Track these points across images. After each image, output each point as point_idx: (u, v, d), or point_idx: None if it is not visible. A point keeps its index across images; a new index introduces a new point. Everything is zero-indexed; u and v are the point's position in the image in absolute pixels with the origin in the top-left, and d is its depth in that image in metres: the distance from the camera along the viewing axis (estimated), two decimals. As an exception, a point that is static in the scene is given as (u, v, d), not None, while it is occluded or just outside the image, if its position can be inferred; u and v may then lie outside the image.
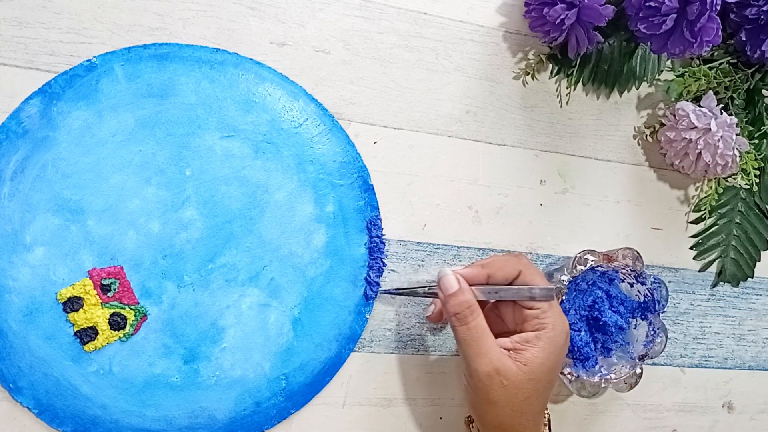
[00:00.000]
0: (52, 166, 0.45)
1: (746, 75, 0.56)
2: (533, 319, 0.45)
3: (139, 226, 0.46)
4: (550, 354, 0.44)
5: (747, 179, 0.57)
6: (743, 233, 0.60)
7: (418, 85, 0.53)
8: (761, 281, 0.62)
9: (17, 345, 0.44)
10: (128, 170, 0.46)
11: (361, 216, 0.50)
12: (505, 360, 0.43)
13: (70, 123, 0.45)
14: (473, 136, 0.54)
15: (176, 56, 0.47)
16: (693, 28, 0.48)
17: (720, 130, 0.53)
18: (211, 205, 0.48)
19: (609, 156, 0.58)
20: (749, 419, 0.62)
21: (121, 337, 0.46)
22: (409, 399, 0.53)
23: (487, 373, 0.43)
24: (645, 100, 0.58)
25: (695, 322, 0.60)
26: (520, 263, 0.46)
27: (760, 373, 0.62)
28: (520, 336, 0.44)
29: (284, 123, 0.49)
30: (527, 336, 0.44)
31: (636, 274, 0.53)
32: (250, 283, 0.48)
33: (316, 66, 0.51)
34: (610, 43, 0.55)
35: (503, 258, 0.46)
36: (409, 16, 0.53)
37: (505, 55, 0.55)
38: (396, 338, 0.52)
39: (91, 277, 0.45)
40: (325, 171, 0.50)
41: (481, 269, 0.45)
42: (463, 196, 0.54)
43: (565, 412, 0.57)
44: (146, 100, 0.47)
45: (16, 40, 0.45)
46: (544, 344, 0.44)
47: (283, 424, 0.50)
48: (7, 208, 0.44)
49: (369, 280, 0.50)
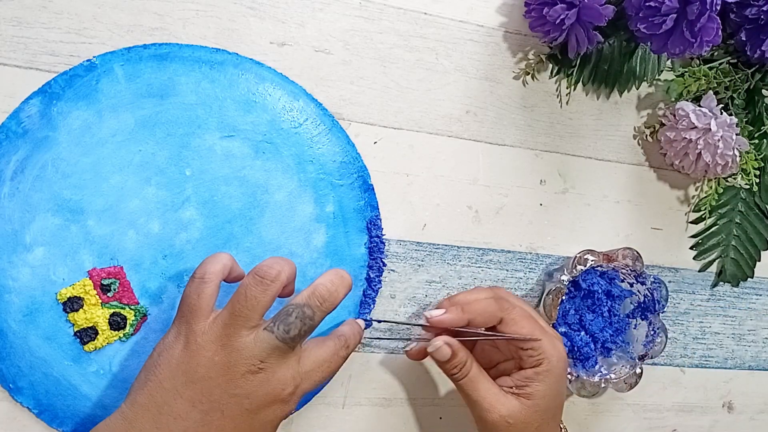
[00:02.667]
0: (52, 166, 0.45)
1: (746, 75, 0.56)
2: (528, 358, 0.45)
3: (139, 226, 0.46)
4: (552, 384, 0.45)
5: (747, 179, 0.57)
6: (743, 233, 0.60)
7: (418, 85, 0.53)
8: (761, 281, 0.62)
9: (17, 345, 0.44)
10: (128, 170, 0.46)
11: (361, 216, 0.50)
12: (507, 403, 0.44)
13: (70, 123, 0.45)
14: (473, 136, 0.54)
15: (176, 56, 0.47)
16: (693, 28, 0.48)
17: (720, 130, 0.53)
18: (211, 205, 0.48)
19: (609, 156, 0.58)
20: (749, 419, 0.62)
21: (121, 337, 0.46)
22: (409, 399, 0.53)
23: (492, 421, 0.44)
24: (645, 100, 0.58)
25: (695, 322, 0.60)
26: (501, 309, 0.45)
27: (760, 373, 0.62)
28: (520, 374, 0.45)
29: (284, 123, 0.49)
30: (526, 373, 0.45)
31: (636, 274, 0.53)
32: (250, 283, 0.48)
33: (316, 66, 0.51)
34: (610, 43, 0.55)
35: (484, 302, 0.45)
36: (409, 16, 0.53)
37: (505, 55, 0.55)
38: (396, 338, 0.52)
39: (91, 277, 0.45)
40: (325, 171, 0.50)
41: (462, 315, 0.45)
42: (463, 196, 0.54)
43: (565, 412, 0.57)
44: (146, 100, 0.47)
45: (16, 40, 0.45)
46: (543, 377, 0.44)
47: (284, 424, 0.49)
48: (7, 208, 0.44)
49: (369, 279, 0.50)
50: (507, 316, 0.45)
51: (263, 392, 0.39)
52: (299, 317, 0.40)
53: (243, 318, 0.39)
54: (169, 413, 0.39)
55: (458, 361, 0.44)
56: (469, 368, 0.45)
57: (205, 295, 0.40)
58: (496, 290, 0.47)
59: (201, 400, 0.39)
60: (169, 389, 0.39)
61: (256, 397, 0.39)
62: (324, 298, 0.41)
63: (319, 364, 0.42)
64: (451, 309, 0.45)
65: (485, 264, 0.54)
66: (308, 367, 0.41)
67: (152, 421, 0.39)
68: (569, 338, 0.53)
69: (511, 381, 0.45)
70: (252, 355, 0.39)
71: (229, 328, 0.39)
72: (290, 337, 0.39)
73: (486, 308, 0.45)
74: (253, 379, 0.39)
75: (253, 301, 0.39)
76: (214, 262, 0.42)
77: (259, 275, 0.40)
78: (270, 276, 0.40)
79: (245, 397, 0.39)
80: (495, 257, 0.54)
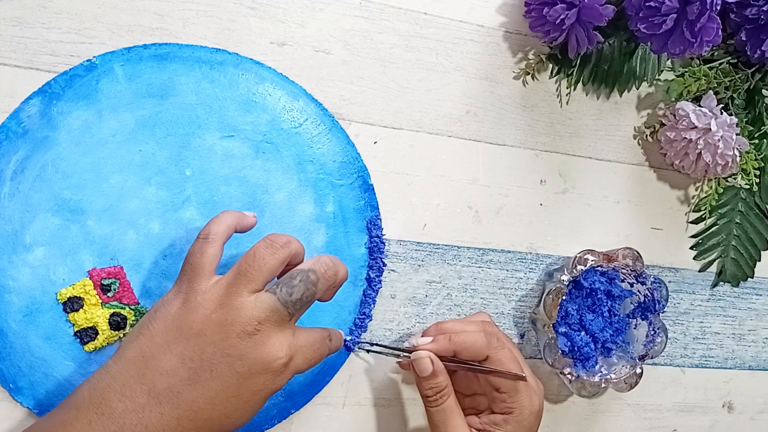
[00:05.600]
0: (52, 166, 0.45)
1: (746, 75, 0.56)
2: (501, 403, 0.45)
3: (139, 226, 0.46)
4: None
5: (747, 179, 0.57)
6: (743, 233, 0.60)
7: (418, 85, 0.53)
8: (761, 281, 0.62)
9: (17, 345, 0.44)
10: (128, 170, 0.46)
11: (361, 216, 0.50)
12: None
13: (70, 123, 0.45)
14: (473, 136, 0.54)
15: (176, 56, 0.47)
16: (693, 28, 0.48)
17: (720, 130, 0.53)
18: (211, 205, 0.48)
19: (609, 156, 0.58)
20: (749, 419, 0.62)
21: (121, 337, 0.46)
22: (409, 399, 0.53)
23: None
24: (645, 100, 0.58)
25: (695, 322, 0.60)
26: (489, 346, 0.44)
27: (760, 373, 0.62)
28: (489, 418, 0.45)
29: (284, 123, 0.49)
30: (495, 418, 0.45)
31: (636, 274, 0.53)
32: (250, 283, 0.48)
33: (316, 66, 0.51)
34: (610, 43, 0.55)
35: (473, 335, 0.45)
36: (409, 16, 0.53)
37: (505, 55, 0.55)
38: (396, 338, 0.52)
39: (91, 277, 0.45)
40: (325, 171, 0.50)
41: (448, 345, 0.45)
42: (463, 196, 0.54)
43: (565, 412, 0.57)
44: (146, 100, 0.47)
45: (16, 40, 0.45)
46: (512, 427, 0.44)
47: (283, 424, 0.50)
48: (7, 208, 0.44)
49: (369, 279, 0.50)
50: (494, 354, 0.44)
51: (256, 356, 0.38)
52: (303, 281, 0.39)
53: (247, 278, 0.38)
54: (156, 368, 0.38)
55: (437, 383, 0.44)
56: (445, 398, 0.44)
57: (208, 255, 0.40)
58: (485, 325, 0.47)
59: (192, 357, 0.38)
60: (161, 343, 0.38)
61: (249, 360, 0.38)
62: (328, 266, 0.41)
63: (311, 343, 0.41)
64: (438, 338, 0.45)
65: (485, 264, 0.54)
66: (302, 342, 0.40)
67: (137, 375, 0.37)
68: (569, 338, 0.53)
69: (479, 424, 0.45)
70: (251, 315, 0.38)
71: (231, 287, 0.39)
72: (292, 301, 0.39)
73: (474, 343, 0.44)
74: (248, 340, 0.38)
75: (261, 261, 0.39)
76: (219, 223, 0.42)
77: (270, 239, 0.40)
78: (281, 241, 0.40)
79: (238, 359, 0.38)
80: (495, 257, 0.54)
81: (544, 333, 0.52)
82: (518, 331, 0.55)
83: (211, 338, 0.38)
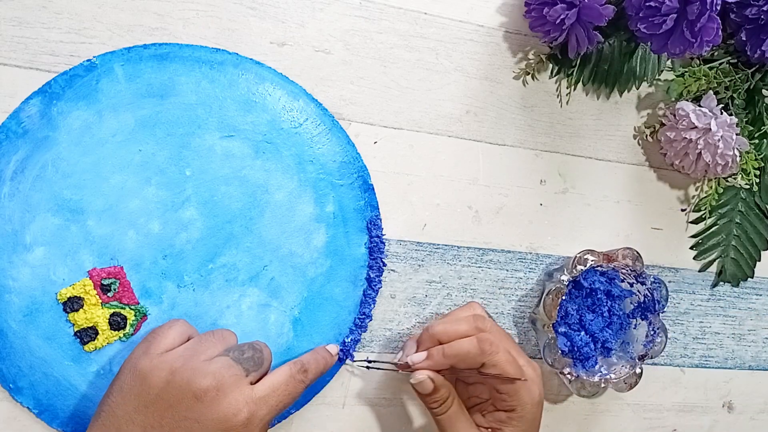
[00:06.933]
0: (52, 166, 0.45)
1: (746, 75, 0.56)
2: (502, 401, 0.46)
3: (139, 226, 0.46)
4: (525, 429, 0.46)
5: (747, 179, 0.57)
6: (743, 233, 0.60)
7: (418, 85, 0.53)
8: (761, 281, 0.62)
9: (17, 345, 0.44)
10: (128, 170, 0.46)
11: (361, 216, 0.50)
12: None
13: (70, 123, 0.45)
14: (473, 136, 0.54)
15: (176, 56, 0.47)
16: (693, 28, 0.48)
17: (720, 130, 0.53)
18: (211, 205, 0.48)
19: (609, 156, 0.58)
20: (749, 419, 0.62)
21: (121, 337, 0.46)
22: (409, 399, 0.53)
23: None
24: (645, 100, 0.58)
25: (695, 322, 0.60)
26: (483, 353, 0.44)
27: (760, 373, 0.62)
28: (493, 416, 0.46)
29: (284, 123, 0.49)
30: (500, 416, 0.46)
31: (636, 274, 0.53)
32: (250, 283, 0.48)
33: (316, 66, 0.51)
34: (610, 43, 0.55)
35: (466, 345, 0.45)
36: (409, 16, 0.53)
37: (505, 55, 0.55)
38: (396, 338, 0.52)
39: (91, 277, 0.45)
40: (325, 171, 0.50)
41: (444, 360, 0.45)
42: (463, 196, 0.54)
43: (565, 412, 0.57)
44: (146, 100, 0.47)
45: (16, 40, 0.45)
46: (517, 422, 0.45)
47: (283, 424, 0.50)
48: (7, 208, 0.44)
49: (369, 279, 0.50)
50: (489, 360, 0.44)
51: (214, 416, 0.38)
52: (250, 346, 0.42)
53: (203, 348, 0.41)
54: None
55: (440, 396, 0.45)
56: (449, 405, 0.45)
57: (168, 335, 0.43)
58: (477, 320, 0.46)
59: (153, 425, 0.38)
60: (122, 416, 0.39)
61: (207, 422, 0.38)
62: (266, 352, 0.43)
63: (274, 388, 0.41)
64: (432, 352, 0.45)
65: (485, 264, 0.54)
66: (262, 393, 0.40)
67: None
68: (569, 338, 0.53)
69: (485, 422, 0.46)
70: (204, 375, 0.39)
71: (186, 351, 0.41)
72: (245, 358, 0.41)
73: (468, 353, 0.44)
74: (204, 400, 0.38)
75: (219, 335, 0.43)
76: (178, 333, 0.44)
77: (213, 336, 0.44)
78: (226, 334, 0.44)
79: (195, 421, 0.38)
80: (495, 257, 0.54)
81: (544, 333, 0.52)
82: (518, 331, 0.55)
83: (167, 403, 0.39)
